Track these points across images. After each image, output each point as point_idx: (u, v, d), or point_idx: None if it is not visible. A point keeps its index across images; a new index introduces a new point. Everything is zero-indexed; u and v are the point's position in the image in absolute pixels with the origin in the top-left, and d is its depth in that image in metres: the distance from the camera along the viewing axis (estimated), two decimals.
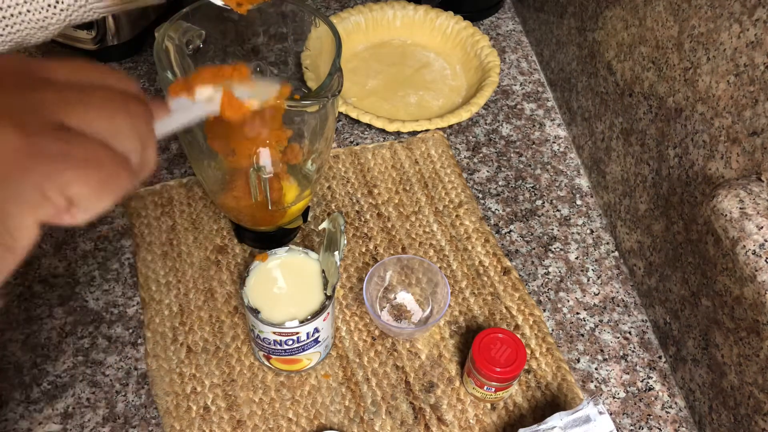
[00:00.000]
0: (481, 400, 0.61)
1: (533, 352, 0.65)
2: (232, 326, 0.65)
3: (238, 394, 0.61)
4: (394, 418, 0.60)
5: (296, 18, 0.62)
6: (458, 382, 0.63)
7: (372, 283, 0.65)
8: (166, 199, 0.74)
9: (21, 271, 0.68)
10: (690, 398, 0.62)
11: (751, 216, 0.47)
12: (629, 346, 0.66)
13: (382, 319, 0.64)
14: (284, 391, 0.62)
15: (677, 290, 0.62)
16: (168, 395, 0.61)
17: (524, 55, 0.93)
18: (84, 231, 0.71)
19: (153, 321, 0.65)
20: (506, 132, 0.83)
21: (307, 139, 0.61)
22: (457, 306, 0.68)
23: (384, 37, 0.93)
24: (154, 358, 0.63)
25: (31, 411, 0.60)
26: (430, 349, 0.65)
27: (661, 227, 0.64)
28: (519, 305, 0.68)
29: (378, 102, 0.86)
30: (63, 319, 0.65)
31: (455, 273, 0.70)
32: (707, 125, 0.56)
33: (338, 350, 0.64)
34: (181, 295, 0.67)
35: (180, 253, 0.70)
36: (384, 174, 0.78)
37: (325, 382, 0.62)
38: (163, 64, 0.53)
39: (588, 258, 0.72)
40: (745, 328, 0.51)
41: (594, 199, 0.77)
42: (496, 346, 0.58)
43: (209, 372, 0.62)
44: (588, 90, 0.77)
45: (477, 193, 0.77)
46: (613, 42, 0.71)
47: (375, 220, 0.74)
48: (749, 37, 0.50)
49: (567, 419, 0.52)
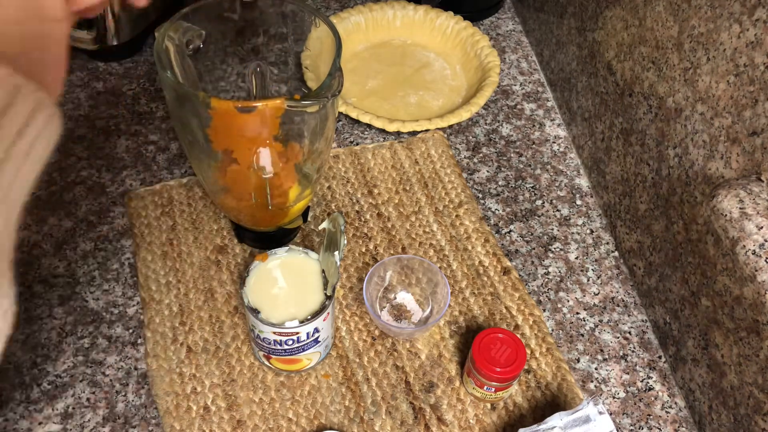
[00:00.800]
0: (481, 400, 0.61)
1: (533, 352, 0.65)
2: (232, 326, 0.65)
3: (238, 394, 0.61)
4: (394, 418, 0.60)
5: (296, 18, 0.62)
6: (458, 382, 0.63)
7: (372, 283, 0.65)
8: (166, 199, 0.74)
9: (21, 271, 0.68)
10: (690, 398, 0.62)
11: (751, 216, 0.47)
12: (629, 346, 0.66)
13: (382, 319, 0.64)
14: (284, 391, 0.62)
15: (677, 290, 0.62)
16: (168, 395, 0.61)
17: (524, 55, 0.93)
18: (84, 231, 0.71)
19: (153, 321, 0.65)
20: (506, 132, 0.83)
21: (307, 139, 0.61)
22: (457, 306, 0.68)
23: (384, 37, 0.93)
24: (154, 358, 0.63)
25: (31, 411, 0.60)
26: (430, 349, 0.65)
27: (661, 227, 0.64)
28: (519, 305, 0.68)
29: (378, 102, 0.86)
30: (63, 319, 0.65)
31: (455, 273, 0.70)
32: (707, 125, 0.56)
33: (338, 350, 0.64)
34: (181, 295, 0.67)
35: (180, 253, 0.70)
36: (384, 174, 0.78)
37: (325, 382, 0.62)
38: (163, 64, 0.53)
39: (588, 258, 0.72)
40: (745, 328, 0.51)
41: (594, 199, 0.77)
42: (496, 346, 0.58)
43: (209, 372, 0.62)
44: (588, 90, 0.77)
45: (477, 193, 0.77)
46: (613, 42, 0.71)
47: (375, 220, 0.74)
48: (749, 37, 0.50)
49: (567, 419, 0.52)
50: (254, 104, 0.52)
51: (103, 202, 0.74)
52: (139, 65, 0.88)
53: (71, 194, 0.74)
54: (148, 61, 0.88)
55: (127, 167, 0.77)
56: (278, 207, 0.63)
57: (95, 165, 0.77)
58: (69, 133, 0.80)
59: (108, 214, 0.73)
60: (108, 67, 0.87)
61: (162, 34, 0.54)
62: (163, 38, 0.54)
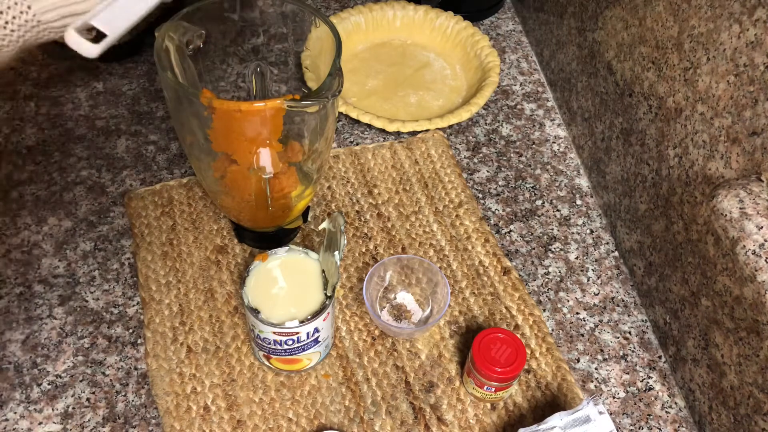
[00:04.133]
0: (481, 400, 0.61)
1: (533, 352, 0.65)
2: (232, 326, 0.65)
3: (238, 394, 0.61)
4: (394, 418, 0.60)
5: (296, 18, 0.62)
6: (458, 382, 0.63)
7: (372, 283, 0.65)
8: (167, 199, 0.74)
9: (21, 271, 0.68)
10: (690, 398, 0.62)
11: (751, 216, 0.47)
12: (629, 346, 0.66)
13: (382, 319, 0.64)
14: (284, 391, 0.62)
15: (677, 290, 0.62)
16: (168, 395, 0.61)
17: (524, 55, 0.93)
18: (84, 231, 0.71)
19: (153, 321, 0.65)
20: (506, 132, 0.83)
21: (308, 139, 0.61)
22: (457, 306, 0.68)
23: (384, 37, 0.93)
24: (154, 358, 0.63)
25: (31, 411, 0.60)
26: (430, 349, 0.65)
27: (661, 227, 0.64)
28: (519, 305, 0.68)
29: (378, 102, 0.86)
30: (63, 319, 0.65)
31: (455, 273, 0.70)
32: (707, 125, 0.56)
33: (338, 350, 0.64)
34: (181, 295, 0.67)
35: (180, 253, 0.70)
36: (384, 174, 0.78)
37: (325, 382, 0.62)
38: (163, 63, 0.53)
39: (588, 258, 0.72)
40: (745, 328, 0.51)
41: (594, 199, 0.77)
42: (496, 346, 0.58)
43: (209, 372, 0.62)
44: (588, 90, 0.77)
45: (477, 193, 0.77)
46: (613, 42, 0.71)
47: (375, 220, 0.74)
48: (749, 37, 0.50)
49: (567, 419, 0.52)
50: (255, 104, 0.52)
51: (103, 202, 0.74)
52: (139, 65, 0.88)
53: (71, 194, 0.74)
54: (148, 61, 0.88)
55: (127, 167, 0.77)
56: (278, 207, 0.63)
57: (95, 165, 0.77)
58: (69, 133, 0.80)
59: (108, 214, 0.73)
60: (108, 67, 0.87)
61: (162, 35, 0.54)
62: (163, 38, 0.54)
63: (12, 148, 0.78)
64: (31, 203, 0.73)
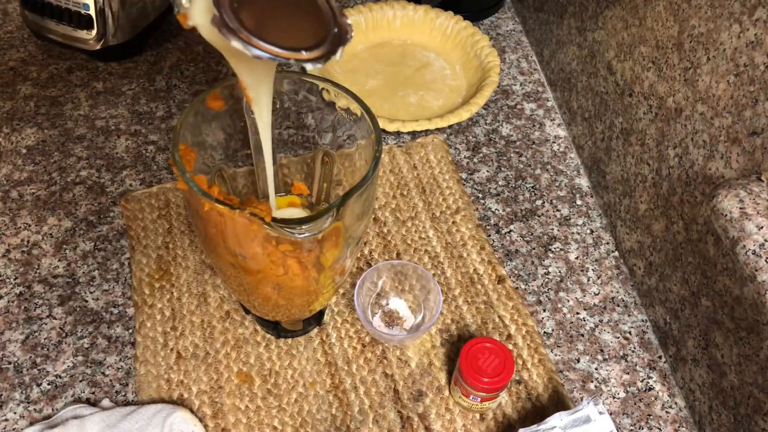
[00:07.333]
0: (468, 409, 0.60)
1: (525, 363, 0.64)
2: (223, 332, 0.64)
3: (225, 401, 0.60)
4: (381, 427, 0.59)
5: None
6: (447, 392, 0.62)
7: (364, 288, 0.64)
8: (163, 201, 0.73)
9: (21, 271, 0.68)
10: (690, 398, 0.62)
11: (751, 216, 0.47)
12: (629, 346, 0.66)
13: (373, 325, 0.63)
14: (270, 399, 0.61)
15: (677, 290, 0.62)
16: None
17: (524, 55, 0.93)
18: (84, 231, 0.71)
19: (144, 325, 0.64)
20: (506, 132, 0.83)
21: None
22: (450, 314, 0.67)
23: (384, 37, 0.93)
24: (143, 363, 0.62)
25: (31, 411, 0.60)
26: (420, 358, 0.64)
27: (661, 227, 0.64)
28: (512, 314, 0.67)
29: (378, 102, 0.86)
30: (63, 319, 0.65)
31: (449, 280, 0.69)
32: (707, 125, 0.56)
33: (327, 357, 0.63)
34: (174, 299, 0.66)
35: (175, 256, 0.69)
36: (382, 178, 0.77)
37: (312, 391, 0.61)
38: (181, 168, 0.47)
39: (588, 258, 0.72)
40: (745, 328, 0.51)
41: (594, 199, 0.77)
42: (484, 355, 0.57)
43: (197, 378, 0.61)
44: (588, 90, 0.77)
45: (477, 193, 0.77)
46: (613, 42, 0.71)
47: (371, 224, 0.73)
48: (749, 37, 0.50)
49: (567, 419, 0.52)
50: None
51: (103, 202, 0.74)
52: (139, 65, 0.88)
53: (71, 194, 0.74)
54: (148, 61, 0.88)
55: (127, 167, 0.77)
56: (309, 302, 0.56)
57: (95, 165, 0.77)
58: (69, 133, 0.80)
59: (108, 214, 0.73)
60: (108, 67, 0.87)
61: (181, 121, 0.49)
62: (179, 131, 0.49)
63: (12, 148, 0.78)
64: (31, 203, 0.73)
